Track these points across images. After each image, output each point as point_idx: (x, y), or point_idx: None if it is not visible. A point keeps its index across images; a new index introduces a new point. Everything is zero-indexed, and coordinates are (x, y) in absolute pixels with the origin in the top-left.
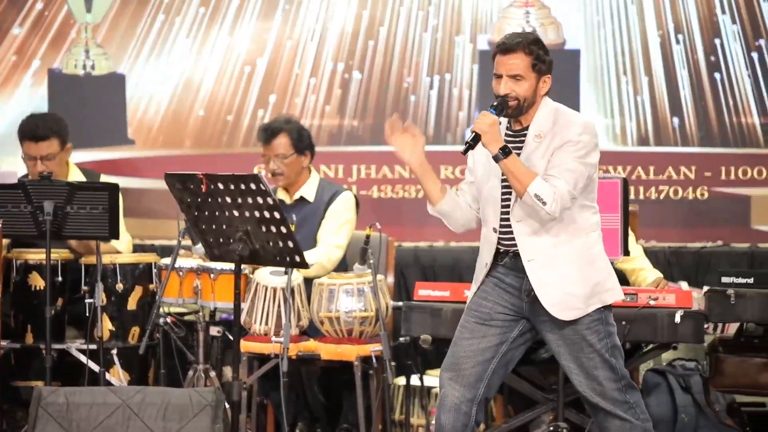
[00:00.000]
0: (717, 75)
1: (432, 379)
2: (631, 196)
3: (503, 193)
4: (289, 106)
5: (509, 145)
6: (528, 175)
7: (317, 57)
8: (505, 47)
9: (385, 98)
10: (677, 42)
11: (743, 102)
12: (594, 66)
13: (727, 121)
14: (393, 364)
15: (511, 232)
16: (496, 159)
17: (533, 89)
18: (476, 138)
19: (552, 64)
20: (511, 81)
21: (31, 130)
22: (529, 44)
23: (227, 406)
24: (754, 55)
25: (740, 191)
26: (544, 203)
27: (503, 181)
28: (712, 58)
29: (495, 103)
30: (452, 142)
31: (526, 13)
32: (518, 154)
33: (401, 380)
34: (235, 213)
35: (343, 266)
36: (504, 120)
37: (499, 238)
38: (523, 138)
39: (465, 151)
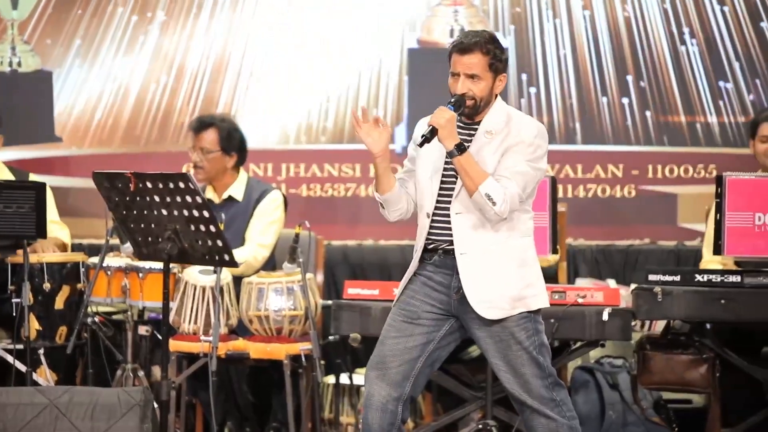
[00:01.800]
0: (644, 74)
1: (361, 377)
2: (560, 195)
3: (441, 186)
4: (220, 105)
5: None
6: (481, 174)
7: (247, 55)
8: (463, 46)
9: (313, 97)
10: (608, 38)
11: (670, 101)
12: (522, 63)
13: (653, 119)
14: (322, 362)
15: (442, 225)
16: (450, 155)
17: (490, 88)
18: (433, 131)
19: (507, 63)
20: (468, 80)
21: None
22: (486, 43)
23: (156, 405)
24: (682, 49)
25: (667, 189)
26: (494, 203)
27: (444, 172)
28: (640, 56)
29: (453, 100)
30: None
31: (455, 12)
32: (468, 147)
33: (331, 379)
34: (164, 212)
35: (272, 265)
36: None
37: (429, 231)
38: (473, 132)
39: (422, 144)
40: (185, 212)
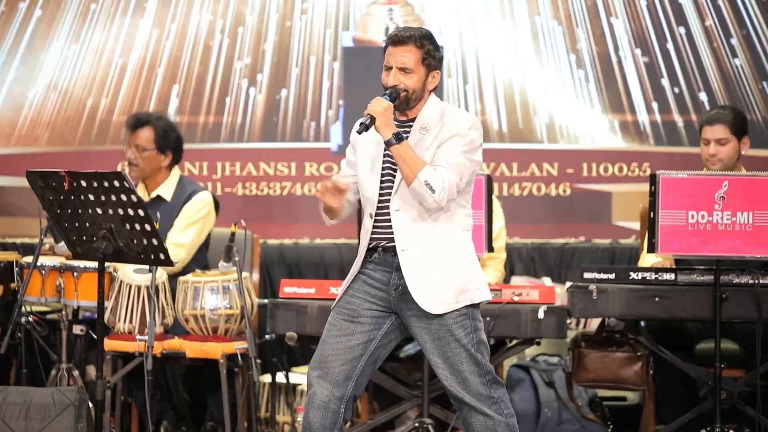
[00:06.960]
0: (580, 73)
1: (297, 376)
2: (495, 193)
3: (382, 184)
4: (155, 104)
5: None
6: (419, 162)
7: (179, 55)
8: (397, 39)
9: (249, 95)
10: (544, 37)
11: (604, 100)
12: (459, 61)
13: (588, 118)
14: (258, 361)
15: (384, 224)
16: (388, 144)
17: (422, 83)
18: (372, 120)
19: (442, 60)
20: (400, 73)
21: None
22: (420, 38)
23: (91, 405)
24: (615, 49)
25: (602, 188)
26: (433, 191)
27: (383, 171)
28: (574, 55)
29: (389, 91)
30: (315, 139)
31: (389, 11)
32: (406, 137)
33: (267, 378)
34: (99, 210)
35: (206, 264)
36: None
37: (372, 231)
38: (408, 129)
39: (360, 131)
40: (120, 211)
